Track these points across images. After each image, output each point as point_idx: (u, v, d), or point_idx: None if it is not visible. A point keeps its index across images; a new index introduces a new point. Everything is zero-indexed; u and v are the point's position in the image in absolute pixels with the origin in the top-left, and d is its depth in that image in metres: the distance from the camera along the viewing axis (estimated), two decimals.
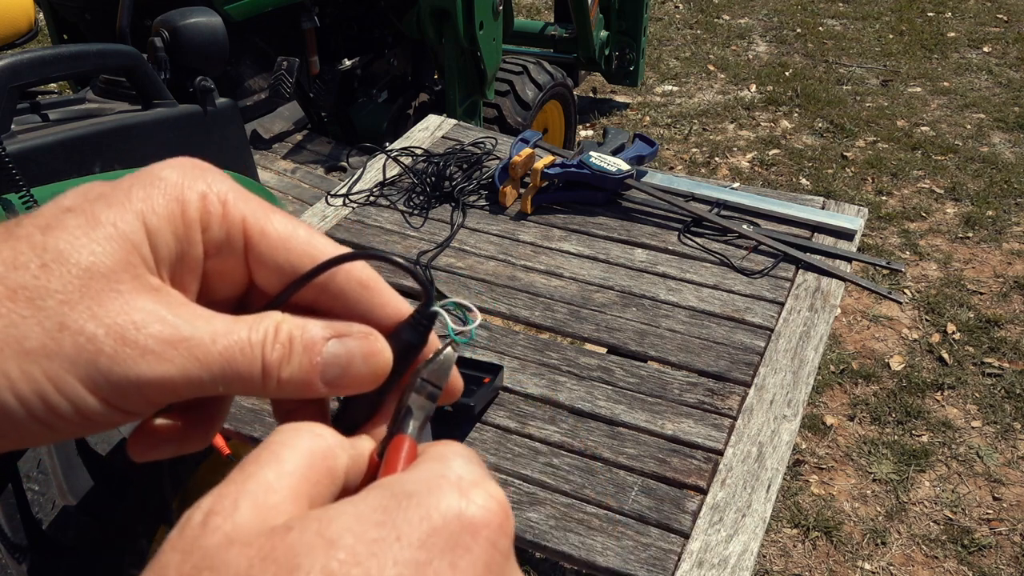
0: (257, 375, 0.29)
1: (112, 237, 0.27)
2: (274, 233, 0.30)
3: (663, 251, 1.59)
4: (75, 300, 0.26)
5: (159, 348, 0.26)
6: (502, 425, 1.22)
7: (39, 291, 0.26)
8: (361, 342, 0.31)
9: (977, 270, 3.10)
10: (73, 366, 0.25)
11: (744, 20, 5.46)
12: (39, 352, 0.25)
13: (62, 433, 0.27)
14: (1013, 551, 2.10)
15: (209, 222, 0.29)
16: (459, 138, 1.94)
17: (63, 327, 0.25)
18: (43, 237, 0.26)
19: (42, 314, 0.25)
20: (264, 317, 0.30)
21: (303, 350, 0.30)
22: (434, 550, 0.23)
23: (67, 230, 0.27)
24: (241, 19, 2.45)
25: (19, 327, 0.25)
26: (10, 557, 1.32)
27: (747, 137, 4.06)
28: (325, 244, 0.31)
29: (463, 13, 2.67)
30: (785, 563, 2.11)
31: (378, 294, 0.32)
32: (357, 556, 0.22)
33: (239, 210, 0.30)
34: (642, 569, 1.02)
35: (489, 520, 0.25)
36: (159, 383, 0.27)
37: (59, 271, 0.26)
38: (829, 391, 2.60)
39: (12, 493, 1.35)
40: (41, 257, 0.26)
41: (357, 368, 0.30)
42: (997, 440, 2.41)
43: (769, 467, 1.14)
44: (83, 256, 0.26)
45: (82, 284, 0.26)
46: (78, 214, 0.27)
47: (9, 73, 1.41)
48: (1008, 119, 4.09)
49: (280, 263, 0.31)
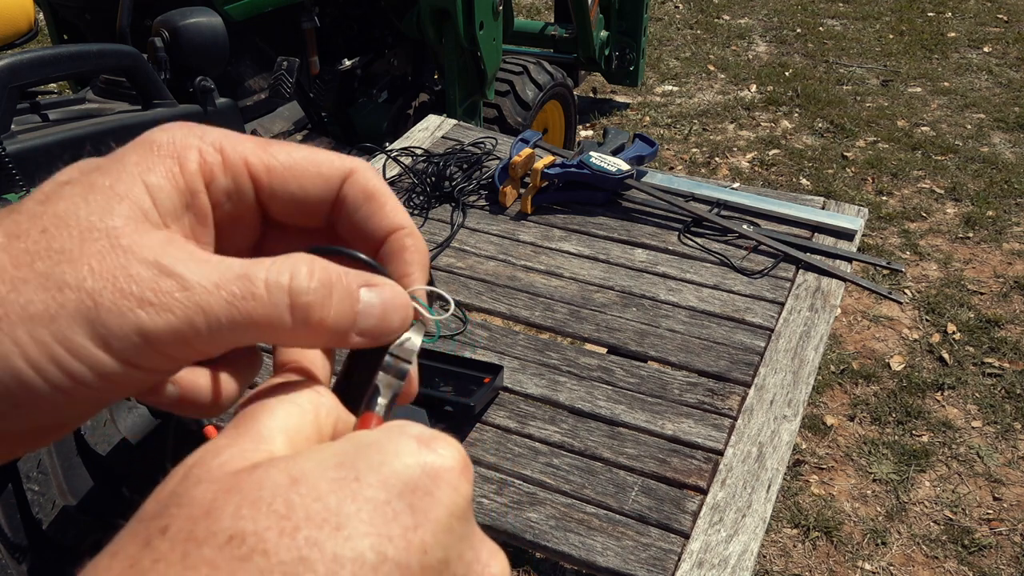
0: (284, 321, 0.27)
1: (111, 196, 0.27)
2: (278, 165, 0.30)
3: (663, 251, 1.59)
4: (76, 258, 0.25)
5: (157, 298, 0.25)
6: (502, 425, 1.22)
7: (39, 254, 0.25)
8: (394, 291, 0.30)
9: (977, 270, 3.10)
10: (79, 324, 0.25)
11: (744, 20, 5.46)
12: (44, 315, 0.25)
13: (87, 402, 0.26)
14: (1013, 551, 2.10)
15: (212, 172, 0.29)
16: (459, 138, 1.94)
17: (63, 285, 0.25)
18: (42, 208, 0.26)
19: (43, 276, 0.25)
20: (291, 257, 0.28)
21: (346, 295, 0.29)
22: (392, 491, 0.23)
23: (65, 198, 0.26)
24: (241, 19, 2.45)
25: (22, 292, 0.25)
26: (10, 557, 1.32)
27: (747, 137, 4.06)
28: (329, 158, 0.31)
29: (463, 13, 2.67)
30: (785, 563, 2.11)
31: (381, 205, 0.32)
32: (318, 491, 0.23)
33: (238, 153, 0.30)
34: (642, 569, 1.02)
35: (451, 465, 0.25)
36: (166, 335, 0.26)
37: (59, 233, 0.25)
38: (829, 391, 2.60)
39: (12, 493, 1.35)
40: (41, 223, 0.26)
41: (390, 319, 0.30)
42: (997, 440, 2.41)
43: (769, 467, 1.14)
44: (82, 215, 0.26)
45: (82, 242, 0.25)
46: (75, 184, 0.27)
47: (9, 73, 1.41)
48: (1008, 119, 4.09)
49: (293, 192, 0.30)
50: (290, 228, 0.32)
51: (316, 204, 0.31)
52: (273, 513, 0.22)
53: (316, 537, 0.22)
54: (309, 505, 0.22)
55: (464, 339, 1.38)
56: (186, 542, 0.21)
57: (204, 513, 0.22)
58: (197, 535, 0.21)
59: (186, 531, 0.22)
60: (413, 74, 3.22)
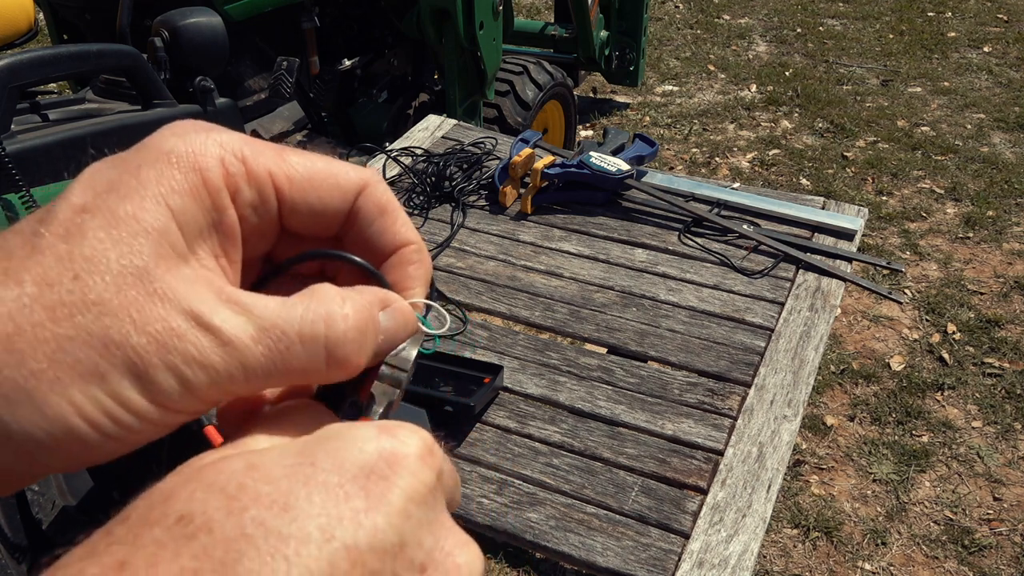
0: (319, 369, 0.28)
1: (137, 233, 0.26)
2: (298, 175, 0.30)
3: (663, 251, 1.58)
4: (114, 309, 0.25)
5: (200, 355, 0.26)
6: (502, 425, 1.22)
7: (76, 306, 0.25)
8: (404, 314, 0.30)
9: (977, 270, 3.10)
10: (128, 380, 0.25)
11: (744, 20, 5.46)
12: (95, 373, 0.25)
13: (127, 444, 0.27)
14: (1013, 551, 2.10)
15: (236, 184, 0.28)
16: (459, 138, 1.94)
17: (108, 342, 0.25)
18: (67, 247, 0.25)
19: (85, 331, 0.25)
20: (323, 299, 0.28)
21: (373, 333, 0.29)
22: (346, 475, 0.24)
23: (89, 234, 0.26)
24: (241, 19, 2.45)
25: (68, 351, 0.25)
26: (10, 557, 1.32)
27: (747, 137, 4.06)
28: (345, 170, 0.31)
29: (463, 13, 2.67)
30: (785, 563, 2.11)
31: (392, 220, 0.32)
32: (271, 476, 0.23)
33: (261, 164, 0.29)
34: (642, 569, 1.02)
35: (409, 451, 0.25)
36: (207, 386, 0.26)
37: (91, 281, 0.25)
38: (829, 391, 2.60)
39: (12, 493, 1.35)
40: (71, 269, 0.25)
41: (399, 338, 0.30)
42: (997, 440, 2.41)
43: (769, 467, 1.14)
44: (112, 260, 0.25)
45: (117, 290, 0.25)
46: (95, 214, 0.26)
47: (9, 73, 1.41)
48: (1008, 119, 4.09)
49: (312, 203, 0.30)
50: (304, 237, 0.32)
51: (332, 216, 0.31)
52: (222, 494, 0.23)
53: (262, 517, 0.22)
54: (260, 488, 0.23)
55: (464, 339, 1.38)
56: (140, 525, 0.23)
57: (162, 500, 0.23)
58: (151, 518, 0.23)
59: (143, 517, 0.23)
60: (413, 74, 3.22)
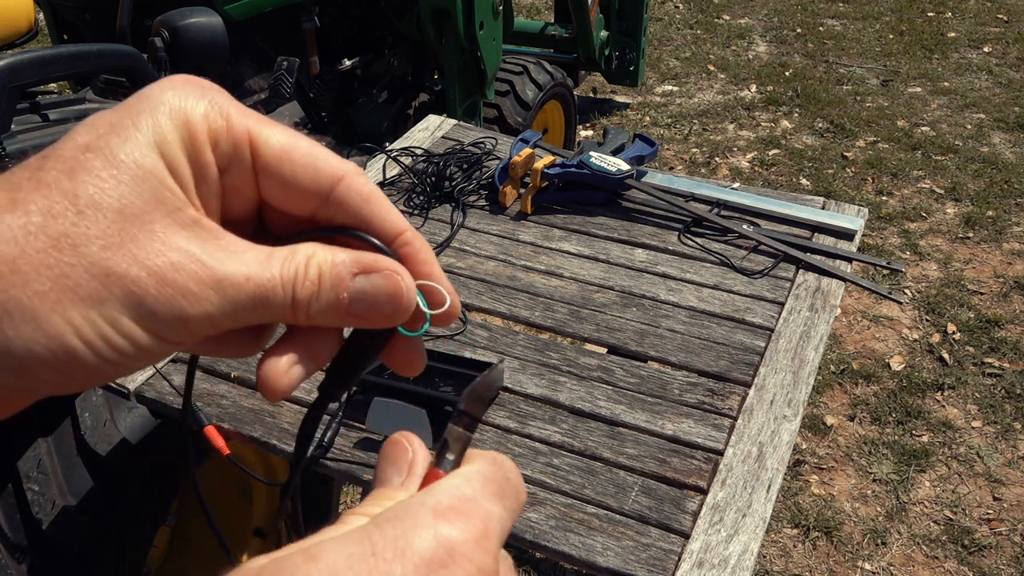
0: (288, 309, 0.30)
1: (137, 177, 0.28)
2: (277, 144, 0.31)
3: (663, 251, 1.58)
4: (115, 244, 0.27)
5: (197, 288, 0.28)
6: (502, 425, 1.22)
7: (80, 238, 0.27)
8: (387, 280, 0.32)
9: (977, 270, 3.10)
10: (125, 308, 0.28)
11: (744, 20, 5.46)
12: (94, 298, 0.27)
13: (122, 369, 0.29)
14: (1013, 551, 2.10)
15: (217, 138, 0.30)
16: (459, 138, 1.94)
17: (109, 272, 0.27)
18: (71, 183, 0.28)
19: (87, 261, 0.27)
20: (295, 251, 0.31)
21: (331, 287, 0.31)
22: (408, 566, 0.24)
23: (92, 173, 0.28)
24: (241, 19, 2.45)
25: (70, 276, 0.27)
26: (10, 557, 1.32)
27: (747, 137, 4.06)
28: (327, 156, 0.32)
29: (463, 13, 2.67)
30: (785, 563, 2.11)
31: (378, 208, 0.33)
32: (334, 568, 0.24)
33: (242, 124, 0.31)
34: (642, 569, 1.02)
35: (466, 538, 0.26)
36: (201, 319, 0.29)
37: (95, 217, 0.27)
38: (829, 391, 2.60)
39: (12, 493, 1.35)
40: (75, 204, 0.27)
41: (382, 306, 0.32)
42: (997, 440, 2.41)
43: (769, 467, 1.14)
44: (114, 200, 0.28)
45: (119, 228, 0.28)
46: (96, 152, 0.28)
47: (9, 73, 1.41)
48: (1008, 119, 4.09)
49: (284, 175, 0.32)
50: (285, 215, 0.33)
51: (302, 194, 0.32)
52: None
53: None
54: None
55: (464, 339, 1.38)
56: None
57: None
58: None
59: None
60: (413, 74, 3.22)
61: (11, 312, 0.26)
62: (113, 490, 1.42)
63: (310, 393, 1.26)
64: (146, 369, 1.29)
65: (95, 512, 1.39)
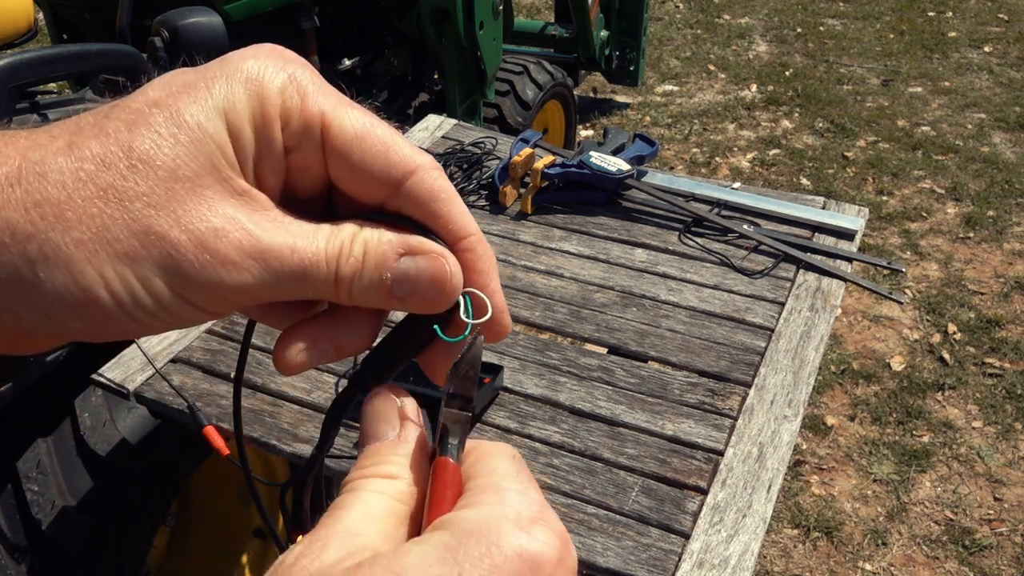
0: (331, 285, 0.30)
1: (196, 140, 0.28)
2: (351, 129, 0.30)
3: (663, 251, 1.58)
4: (161, 203, 0.27)
5: (238, 258, 0.28)
6: (502, 425, 1.22)
7: (127, 193, 0.27)
8: (432, 263, 0.31)
9: (978, 270, 3.10)
10: (160, 270, 0.27)
11: (744, 20, 5.46)
12: (130, 255, 0.27)
13: (150, 328, 0.29)
14: (1014, 551, 2.10)
15: (289, 117, 0.30)
16: (459, 138, 1.94)
17: (149, 231, 0.27)
18: (129, 135, 0.27)
19: (130, 216, 0.27)
20: (341, 229, 0.30)
21: (375, 265, 0.30)
22: None
23: (152, 128, 0.27)
24: (241, 19, 2.45)
25: (111, 230, 0.27)
26: (10, 557, 1.32)
27: (747, 137, 4.06)
28: (403, 146, 0.31)
29: (463, 13, 2.67)
30: (786, 563, 2.11)
31: (447, 206, 0.32)
32: None
33: (318, 104, 0.30)
34: (642, 569, 1.01)
35: (550, 556, 0.25)
36: (237, 289, 0.28)
37: (145, 173, 0.27)
38: (830, 391, 2.60)
39: (12, 493, 1.35)
40: (128, 157, 0.27)
41: (425, 290, 0.31)
42: (998, 440, 2.41)
43: (770, 467, 1.14)
44: (168, 159, 0.27)
45: (167, 188, 0.27)
46: (163, 108, 0.28)
47: (9, 73, 1.40)
48: (1009, 119, 4.08)
49: (354, 161, 0.31)
50: (353, 200, 0.33)
51: (371, 182, 0.31)
52: None
53: None
54: None
55: None
56: None
57: None
58: None
59: None
60: (413, 74, 3.22)
61: (47, 256, 0.26)
62: (113, 490, 1.42)
63: (310, 393, 1.26)
64: (146, 369, 1.29)
65: (95, 512, 1.39)
